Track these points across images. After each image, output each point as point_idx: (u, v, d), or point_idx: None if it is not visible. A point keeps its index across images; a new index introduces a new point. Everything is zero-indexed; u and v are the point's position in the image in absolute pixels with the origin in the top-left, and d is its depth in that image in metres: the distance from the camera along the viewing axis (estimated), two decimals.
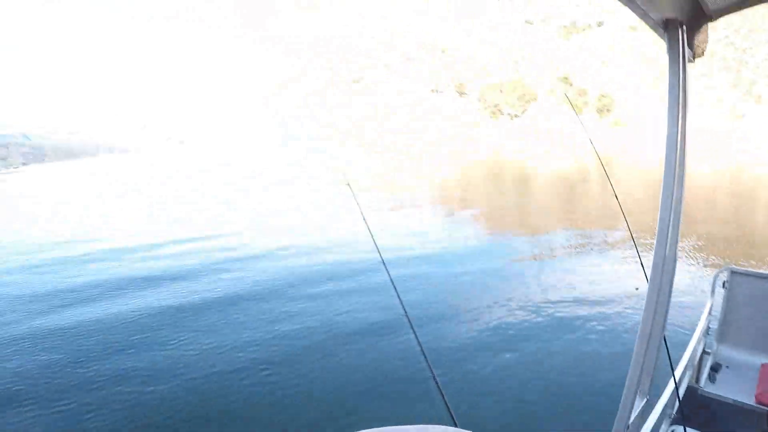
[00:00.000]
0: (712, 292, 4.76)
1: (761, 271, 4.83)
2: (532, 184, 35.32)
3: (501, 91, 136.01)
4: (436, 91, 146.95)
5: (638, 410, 2.53)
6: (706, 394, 3.96)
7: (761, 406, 3.68)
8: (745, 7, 2.20)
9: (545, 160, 56.31)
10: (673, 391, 3.29)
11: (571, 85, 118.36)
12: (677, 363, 3.61)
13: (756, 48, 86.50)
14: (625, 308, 9.50)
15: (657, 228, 2.34)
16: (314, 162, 56.98)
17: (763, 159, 49.08)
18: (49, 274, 13.09)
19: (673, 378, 3.12)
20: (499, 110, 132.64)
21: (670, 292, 2.48)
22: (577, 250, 14.72)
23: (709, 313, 4.60)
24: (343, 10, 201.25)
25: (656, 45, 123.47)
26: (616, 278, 11.87)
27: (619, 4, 1.80)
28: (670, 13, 2.05)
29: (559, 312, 9.35)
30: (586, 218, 20.25)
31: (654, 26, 2.11)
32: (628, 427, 2.38)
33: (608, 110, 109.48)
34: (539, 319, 9.06)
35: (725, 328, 4.75)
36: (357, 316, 9.43)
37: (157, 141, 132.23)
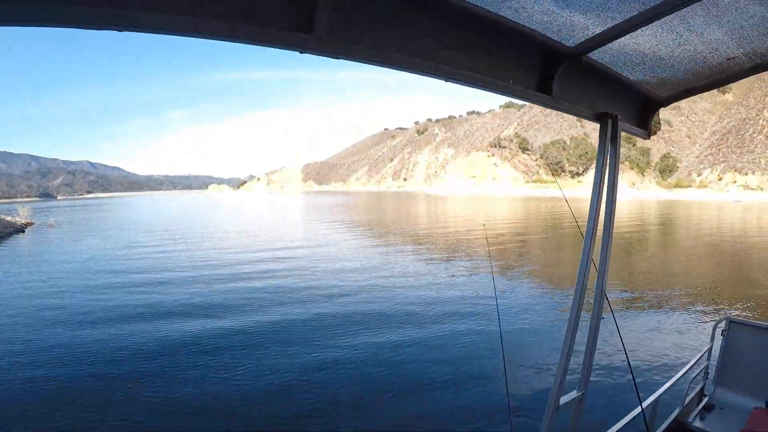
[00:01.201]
0: (712, 338, 5.13)
1: (758, 322, 5.11)
2: None
3: (563, 148, 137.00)
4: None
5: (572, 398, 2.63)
6: (694, 429, 4.40)
7: None
8: (691, 95, 2.64)
9: None
10: (669, 424, 4.00)
11: (634, 145, 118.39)
12: (652, 393, 4.11)
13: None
14: None
15: (578, 267, 2.51)
16: None
17: None
18: None
19: (640, 407, 3.24)
20: (561, 168, 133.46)
21: (577, 323, 2.57)
22: None
23: (708, 358, 5.05)
24: None
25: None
26: None
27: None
28: (603, 110, 2.37)
29: None
30: None
31: (589, 119, 2.42)
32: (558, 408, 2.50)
33: (670, 171, 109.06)
34: None
35: (722, 373, 5.08)
36: None
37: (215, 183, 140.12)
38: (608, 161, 2.52)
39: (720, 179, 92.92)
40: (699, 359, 4.92)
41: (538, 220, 49.85)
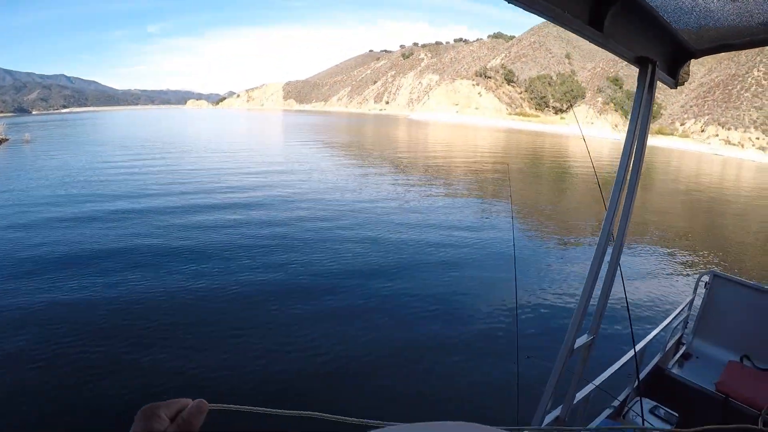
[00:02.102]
0: (695, 290, 5.34)
1: (741, 278, 5.20)
2: None
3: (549, 83, 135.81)
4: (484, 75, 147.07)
5: (583, 342, 2.79)
6: (672, 375, 4.58)
7: (719, 394, 4.18)
8: (727, 50, 2.53)
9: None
10: (649, 368, 4.32)
11: (620, 87, 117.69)
12: (641, 339, 4.29)
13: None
14: None
15: (605, 216, 2.60)
16: None
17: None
18: None
19: (634, 353, 3.49)
20: (545, 103, 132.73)
21: (615, 269, 2.81)
22: None
23: (689, 309, 5.28)
24: None
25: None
26: None
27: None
28: (641, 53, 2.28)
29: None
30: None
31: (629, 61, 2.34)
32: (573, 351, 2.67)
33: (653, 117, 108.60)
34: None
35: (702, 324, 5.27)
36: None
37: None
38: (642, 109, 2.47)
39: (702, 131, 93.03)
40: (681, 309, 5.17)
41: (545, 157, 49.40)
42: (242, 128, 79.92)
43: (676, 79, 2.67)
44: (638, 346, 3.89)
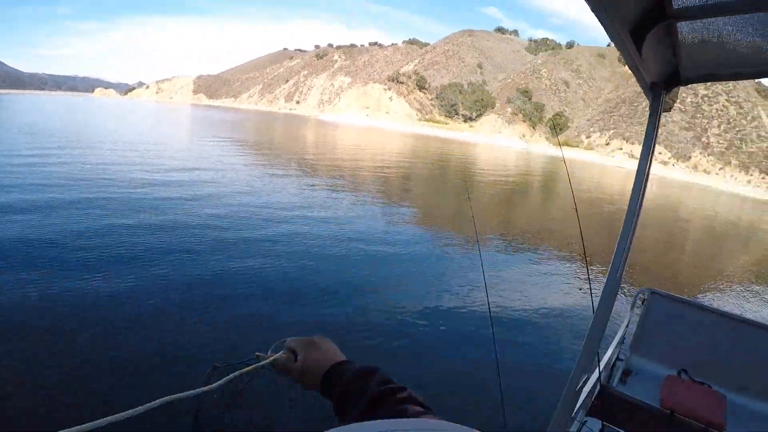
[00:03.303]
0: (632, 307, 5.21)
1: (677, 294, 5.22)
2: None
3: (460, 92, 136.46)
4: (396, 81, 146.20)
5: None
6: (618, 394, 4.20)
7: (664, 409, 3.97)
8: (712, 80, 2.62)
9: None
10: (593, 387, 3.69)
11: (530, 99, 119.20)
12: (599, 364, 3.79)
13: (714, 98, 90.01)
14: None
15: (614, 254, 2.61)
16: None
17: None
18: None
19: (598, 374, 3.41)
20: (455, 110, 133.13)
21: (611, 309, 2.86)
22: None
23: (627, 326, 5.09)
24: None
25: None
26: None
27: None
28: (655, 79, 2.43)
29: None
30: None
31: (643, 87, 2.47)
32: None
33: (561, 129, 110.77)
34: None
35: (639, 340, 5.17)
36: None
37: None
38: (655, 135, 2.56)
39: (607, 144, 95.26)
40: (626, 326, 5.09)
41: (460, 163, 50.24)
42: (151, 122, 74.92)
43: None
44: (602, 365, 3.90)
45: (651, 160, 2.56)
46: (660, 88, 2.45)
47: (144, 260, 10.11)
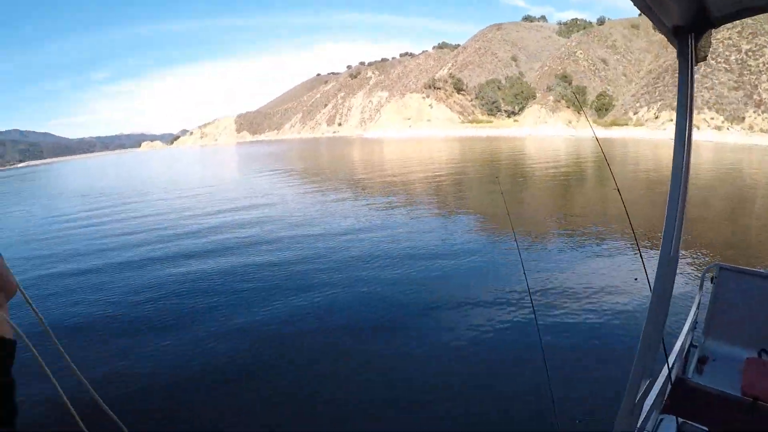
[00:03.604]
0: (701, 286, 4.88)
1: (749, 268, 4.83)
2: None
3: (499, 88, 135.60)
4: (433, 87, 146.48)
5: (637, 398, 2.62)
6: (694, 385, 4.00)
7: (746, 398, 3.72)
8: (746, 16, 2.27)
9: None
10: (665, 380, 3.50)
11: (570, 83, 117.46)
12: (668, 354, 3.64)
13: (759, 51, 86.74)
14: None
15: (663, 229, 2.42)
16: None
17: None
18: None
19: (667, 367, 3.34)
20: (497, 107, 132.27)
21: (671, 290, 2.60)
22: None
23: (697, 308, 4.70)
24: None
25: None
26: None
27: (635, 8, 1.88)
28: (678, 21, 2.16)
29: None
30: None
31: (666, 33, 2.22)
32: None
33: (606, 109, 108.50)
34: None
35: (712, 322, 4.82)
36: None
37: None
38: (690, 88, 2.29)
39: (656, 117, 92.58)
40: (696, 308, 4.65)
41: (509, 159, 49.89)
42: (198, 166, 78.50)
43: (695, 54, 2.33)
44: (671, 359, 3.65)
45: (690, 118, 2.34)
46: (686, 32, 2.21)
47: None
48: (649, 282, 2.64)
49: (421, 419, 6.55)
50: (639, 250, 3.77)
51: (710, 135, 72.82)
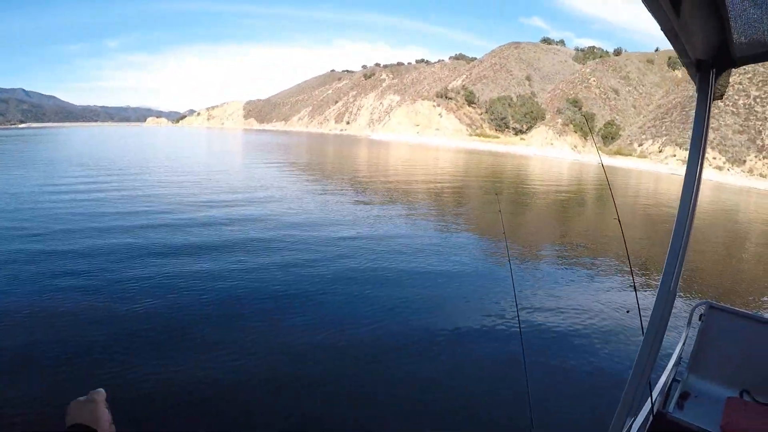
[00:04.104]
0: (689, 322, 5.01)
1: (738, 308, 4.89)
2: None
3: (510, 105, 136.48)
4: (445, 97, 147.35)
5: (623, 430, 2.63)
6: (674, 420, 4.16)
7: None
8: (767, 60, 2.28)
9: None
10: (647, 414, 3.67)
11: (579, 109, 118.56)
12: (652, 388, 3.84)
13: (767, 98, 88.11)
14: None
15: (665, 263, 2.41)
16: None
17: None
18: None
19: (650, 401, 3.41)
20: (505, 124, 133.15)
21: (666, 326, 2.61)
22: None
23: (683, 343, 4.90)
24: None
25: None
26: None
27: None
28: (702, 55, 2.17)
29: None
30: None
31: (688, 65, 2.25)
32: None
33: (612, 138, 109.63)
34: None
35: (697, 359, 4.88)
36: None
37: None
38: (706, 123, 2.28)
39: (660, 151, 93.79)
40: (682, 344, 4.87)
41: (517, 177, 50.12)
42: (204, 148, 78.29)
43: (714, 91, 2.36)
44: (656, 390, 3.73)
45: (703, 154, 2.38)
46: (708, 67, 2.23)
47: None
48: (641, 316, 2.74)
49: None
50: (634, 283, 3.99)
51: (711, 174, 74.18)
